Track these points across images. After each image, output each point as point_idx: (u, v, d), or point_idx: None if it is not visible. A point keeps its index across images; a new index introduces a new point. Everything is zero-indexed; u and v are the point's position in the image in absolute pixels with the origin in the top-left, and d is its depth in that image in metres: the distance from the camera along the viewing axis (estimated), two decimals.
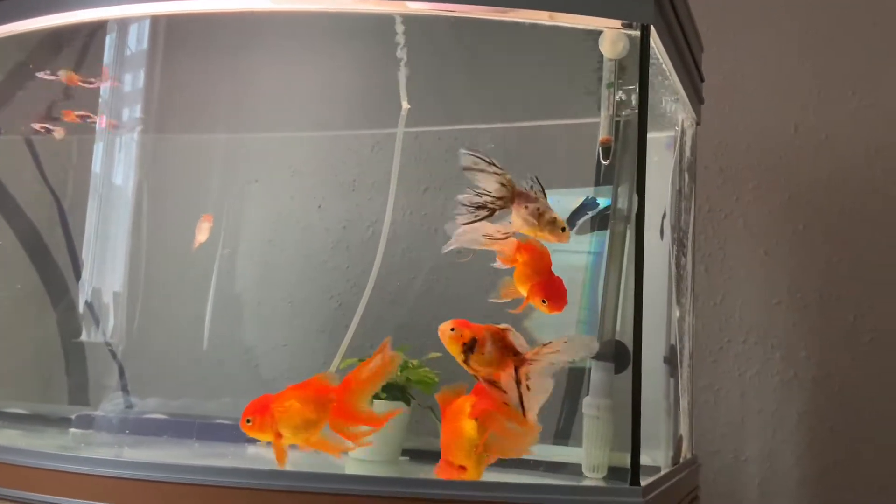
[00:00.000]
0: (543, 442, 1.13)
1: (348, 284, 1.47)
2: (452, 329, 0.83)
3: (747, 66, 1.55)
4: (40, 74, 1.17)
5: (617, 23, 0.88)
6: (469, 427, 0.82)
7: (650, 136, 0.90)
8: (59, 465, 0.88)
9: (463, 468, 0.83)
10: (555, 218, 0.83)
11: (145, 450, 1.07)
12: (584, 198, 1.01)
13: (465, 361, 0.83)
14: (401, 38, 1.09)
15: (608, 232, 0.99)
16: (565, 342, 0.83)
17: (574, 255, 1.24)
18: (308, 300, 1.44)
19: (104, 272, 1.21)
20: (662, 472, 0.97)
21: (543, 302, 0.85)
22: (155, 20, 1.14)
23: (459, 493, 0.80)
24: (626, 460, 0.97)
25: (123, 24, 1.16)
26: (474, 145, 1.39)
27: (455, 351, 0.83)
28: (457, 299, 1.43)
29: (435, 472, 0.84)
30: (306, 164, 1.53)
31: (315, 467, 0.94)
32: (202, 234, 1.24)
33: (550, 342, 0.83)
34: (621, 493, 0.79)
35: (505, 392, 0.82)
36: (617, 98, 0.87)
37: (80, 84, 1.25)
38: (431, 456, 1.12)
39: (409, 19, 1.01)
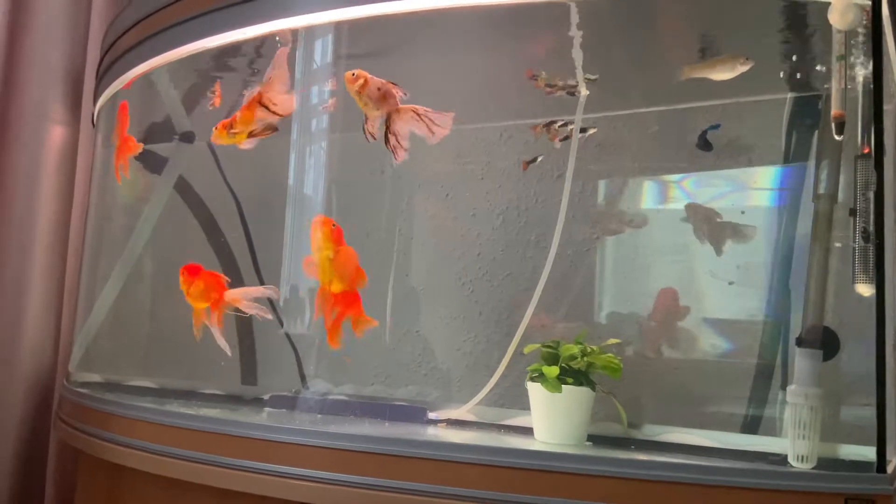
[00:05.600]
0: (731, 430, 1.11)
1: (480, 272, 1.48)
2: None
3: None
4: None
5: None
6: None
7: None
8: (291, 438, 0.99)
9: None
10: None
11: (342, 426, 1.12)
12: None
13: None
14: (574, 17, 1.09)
15: (812, 212, 0.95)
16: None
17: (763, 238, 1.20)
18: (440, 287, 1.46)
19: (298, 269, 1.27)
20: None
21: None
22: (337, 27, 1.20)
23: (686, 477, 0.79)
24: (834, 451, 0.93)
25: (310, 33, 1.23)
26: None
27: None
28: (594, 283, 1.41)
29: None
30: (433, 153, 1.55)
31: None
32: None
33: None
34: (871, 480, 0.76)
35: None
36: (848, 72, 0.83)
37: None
38: (615, 441, 1.12)
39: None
